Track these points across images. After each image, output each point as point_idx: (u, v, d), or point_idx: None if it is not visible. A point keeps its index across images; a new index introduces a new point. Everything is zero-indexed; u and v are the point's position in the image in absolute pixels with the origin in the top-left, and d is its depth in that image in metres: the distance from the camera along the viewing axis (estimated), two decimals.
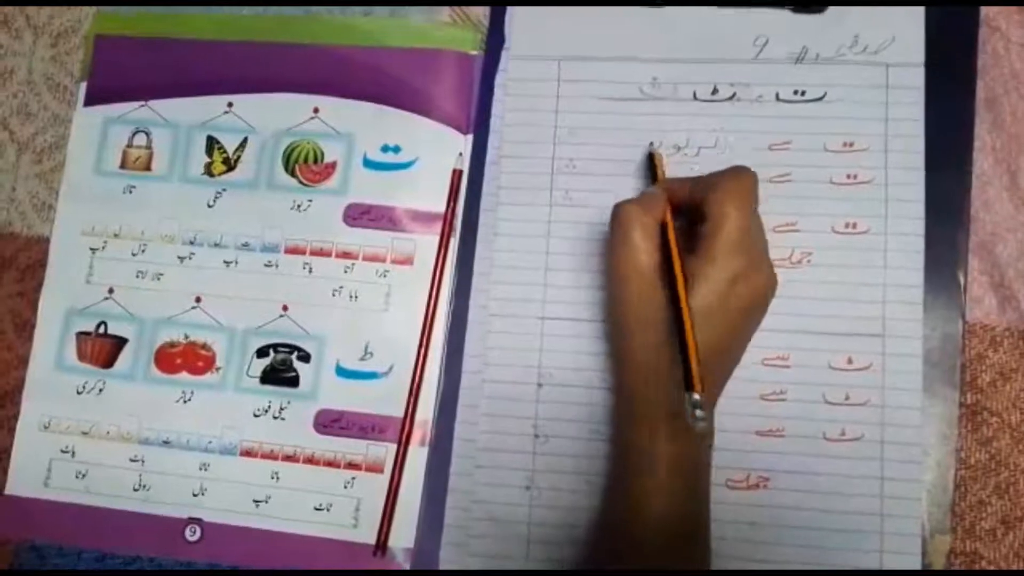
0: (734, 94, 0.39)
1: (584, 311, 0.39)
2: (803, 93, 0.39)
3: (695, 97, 0.40)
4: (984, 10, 0.39)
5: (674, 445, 0.32)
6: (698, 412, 0.29)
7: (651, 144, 0.39)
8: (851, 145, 0.38)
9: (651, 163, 0.38)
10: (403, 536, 0.38)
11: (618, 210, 0.34)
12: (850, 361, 0.37)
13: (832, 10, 0.39)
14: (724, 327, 0.33)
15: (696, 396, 0.29)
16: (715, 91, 0.40)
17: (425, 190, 0.40)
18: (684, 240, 0.34)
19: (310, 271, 0.41)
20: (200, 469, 0.40)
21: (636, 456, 0.33)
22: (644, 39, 0.40)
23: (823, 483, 0.37)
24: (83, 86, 0.43)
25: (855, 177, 0.38)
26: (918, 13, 0.39)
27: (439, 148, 0.41)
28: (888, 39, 0.39)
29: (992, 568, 0.36)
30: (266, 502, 0.39)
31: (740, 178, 0.34)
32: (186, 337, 0.41)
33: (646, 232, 0.33)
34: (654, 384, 0.32)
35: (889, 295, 0.37)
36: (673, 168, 0.39)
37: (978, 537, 0.36)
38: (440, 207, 0.40)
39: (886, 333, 0.37)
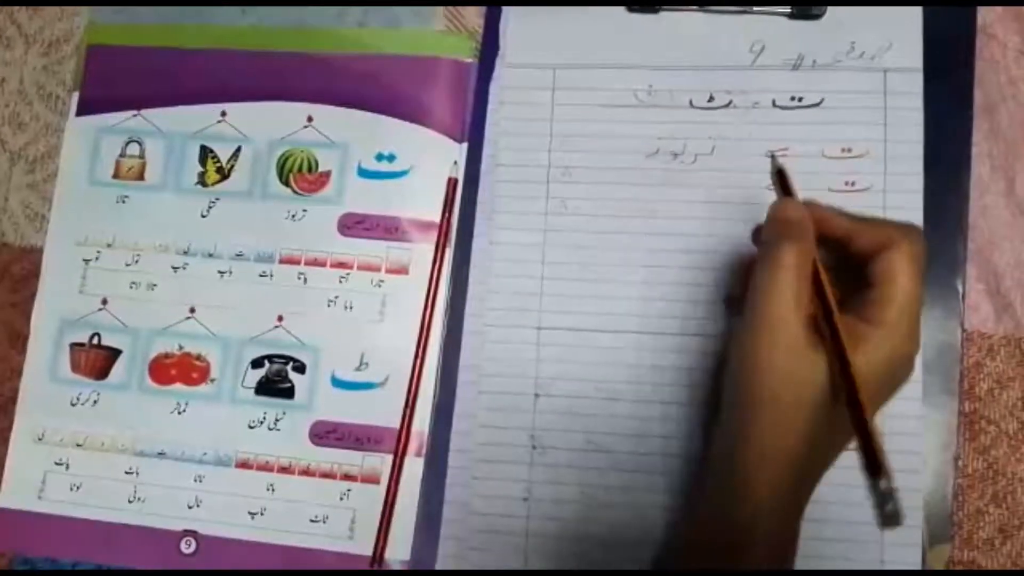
0: (730, 101, 0.39)
1: (581, 321, 0.38)
2: (800, 100, 0.39)
3: (691, 104, 0.39)
4: (980, 17, 0.38)
5: (776, 525, 0.28)
6: (889, 507, 0.25)
7: (772, 156, 0.33)
8: (849, 151, 0.38)
9: (780, 179, 0.32)
10: (399, 548, 0.38)
11: (769, 252, 0.28)
12: None
13: (828, 17, 0.39)
14: (875, 402, 0.28)
15: (884, 482, 0.26)
16: (711, 98, 0.39)
17: (420, 199, 0.40)
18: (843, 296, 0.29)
19: (305, 281, 0.40)
20: (195, 481, 0.40)
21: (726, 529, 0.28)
22: (639, 46, 0.40)
23: (822, 493, 0.36)
24: (75, 96, 0.43)
25: (853, 184, 0.38)
26: (915, 18, 0.39)
27: (434, 156, 0.40)
28: (885, 45, 0.39)
29: None
30: (262, 514, 0.39)
31: (918, 242, 0.29)
32: (180, 348, 0.41)
33: (803, 282, 0.28)
34: (785, 459, 0.27)
35: None
36: (671, 175, 0.39)
37: (976, 546, 0.36)
38: (435, 216, 0.40)
39: None
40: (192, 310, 0.41)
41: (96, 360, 0.41)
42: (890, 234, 0.29)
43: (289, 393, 0.40)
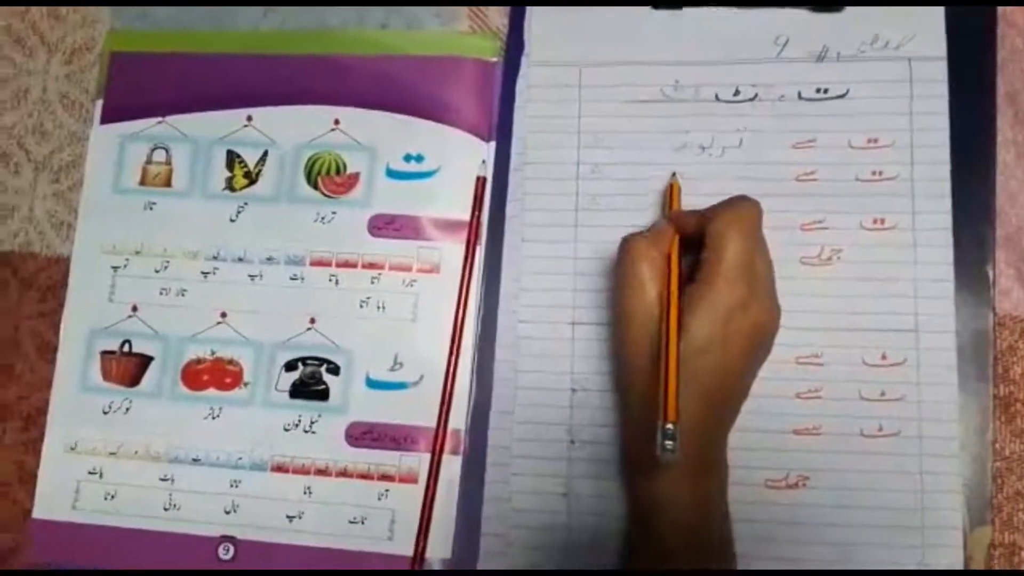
0: (756, 95, 0.39)
1: None
2: (826, 91, 0.39)
3: (717, 98, 0.40)
4: (1001, 7, 0.39)
5: (676, 485, 0.32)
6: (668, 443, 0.29)
7: (673, 175, 0.38)
8: (876, 141, 0.39)
9: (669, 193, 0.38)
10: (440, 547, 0.38)
11: (625, 244, 0.34)
12: (884, 357, 0.37)
13: (851, 8, 0.39)
14: (722, 359, 0.32)
15: (669, 426, 0.29)
16: (737, 92, 0.40)
17: (449, 198, 0.40)
18: (690, 271, 0.34)
19: (336, 283, 0.40)
20: (231, 486, 0.39)
21: (637, 493, 0.33)
22: (664, 42, 0.40)
23: (862, 480, 0.37)
24: (99, 103, 0.43)
25: (881, 173, 0.38)
26: (937, 8, 0.39)
27: (462, 156, 0.40)
28: (909, 34, 0.39)
29: None
30: (300, 517, 0.39)
31: (742, 207, 0.33)
32: (212, 353, 0.40)
33: (653, 265, 0.33)
34: (649, 420, 0.31)
35: (920, 290, 0.37)
36: (700, 168, 0.39)
37: (1016, 528, 0.36)
38: (465, 215, 0.40)
39: (919, 328, 0.37)
40: (223, 315, 0.41)
41: (127, 368, 0.41)
42: (717, 208, 0.34)
43: (324, 395, 0.40)
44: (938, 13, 0.39)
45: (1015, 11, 0.39)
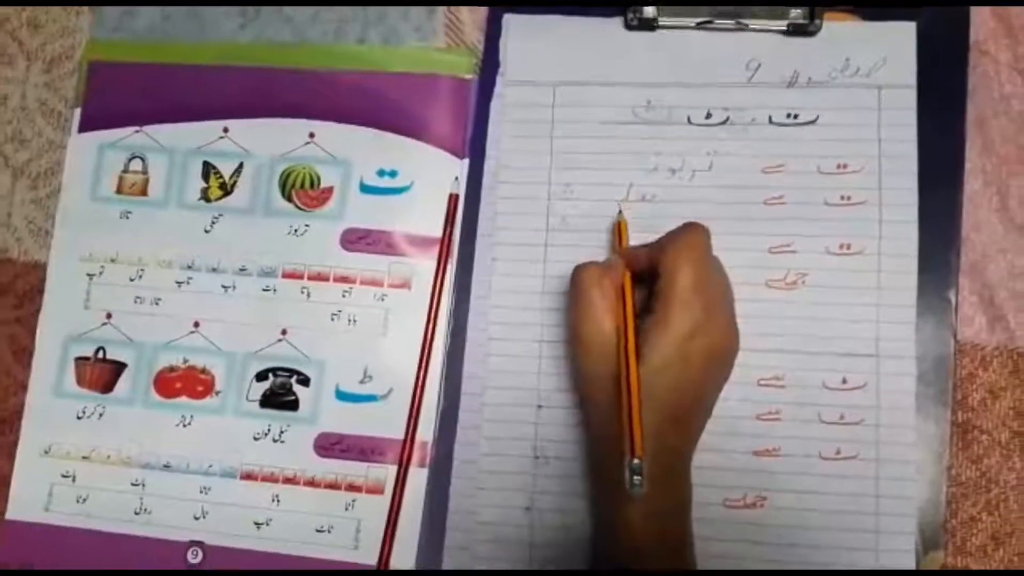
0: (727, 118, 0.40)
1: None
2: (796, 116, 0.39)
3: (689, 121, 0.40)
4: (973, 33, 0.39)
5: (636, 509, 0.32)
6: (636, 479, 0.29)
7: (619, 212, 0.39)
8: (844, 167, 0.39)
9: (617, 230, 0.38)
10: (404, 558, 0.39)
11: (577, 273, 0.34)
12: (844, 381, 0.38)
13: (823, 34, 0.40)
14: (682, 384, 0.32)
15: (636, 461, 0.29)
16: (708, 115, 0.40)
17: (422, 214, 0.41)
18: (644, 303, 0.34)
19: (308, 295, 0.41)
20: (201, 492, 0.40)
21: (603, 518, 0.34)
22: (638, 64, 0.41)
23: (819, 501, 0.37)
24: (77, 112, 0.43)
25: (849, 199, 0.39)
26: (909, 35, 0.39)
27: (435, 172, 0.41)
28: (879, 61, 0.39)
29: None
30: (267, 525, 0.40)
31: (689, 235, 0.34)
32: (185, 361, 0.41)
33: (605, 295, 0.33)
34: (609, 449, 0.32)
35: (883, 315, 0.38)
36: (670, 191, 0.40)
37: (969, 553, 0.37)
38: (437, 231, 0.41)
39: (880, 353, 0.38)
40: (196, 324, 0.41)
41: (101, 374, 0.41)
42: (665, 239, 0.34)
43: (293, 406, 0.40)
44: (910, 39, 0.39)
45: (987, 39, 0.39)
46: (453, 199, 0.41)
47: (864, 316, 0.38)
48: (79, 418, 0.41)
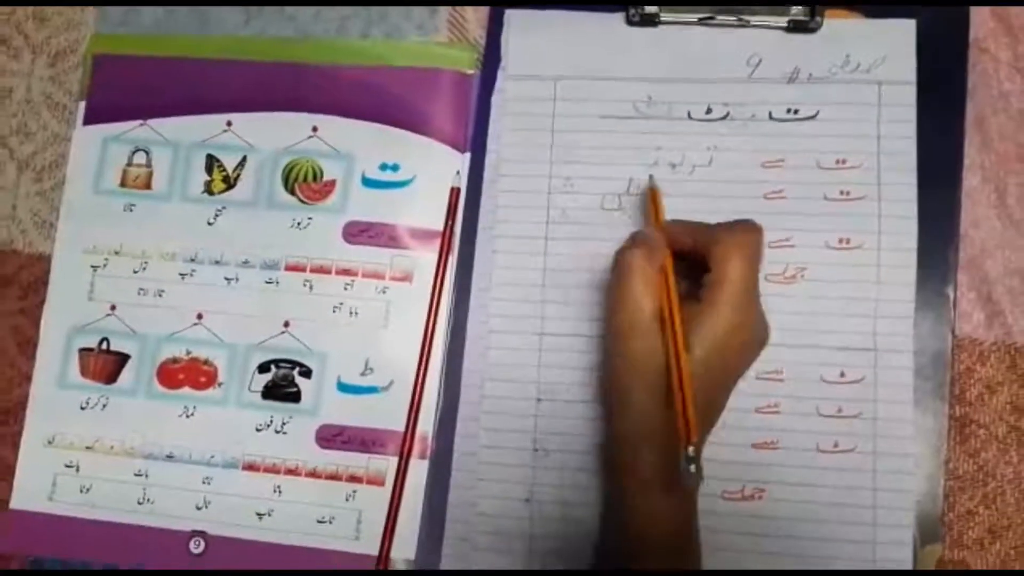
0: (728, 113, 0.40)
1: (582, 327, 0.39)
2: (796, 112, 0.40)
3: (689, 116, 0.40)
4: (973, 31, 0.39)
5: (667, 499, 0.32)
6: (691, 468, 0.30)
7: (651, 177, 0.39)
8: (844, 162, 0.39)
9: (651, 199, 0.38)
10: (405, 548, 0.39)
11: (622, 258, 0.34)
12: (843, 375, 0.38)
13: (824, 30, 0.40)
14: (718, 378, 0.33)
15: (691, 450, 0.30)
16: (709, 110, 0.40)
17: (423, 208, 0.41)
18: (684, 285, 0.34)
19: (310, 288, 0.41)
20: (203, 483, 0.40)
21: (629, 512, 0.33)
22: (639, 59, 0.41)
23: (817, 494, 0.37)
24: (82, 105, 0.43)
25: (848, 193, 0.39)
26: (909, 32, 0.39)
27: (437, 166, 0.41)
28: (880, 58, 0.39)
29: None
30: (269, 515, 0.40)
31: (748, 232, 0.34)
32: (188, 353, 0.41)
33: (649, 281, 0.33)
34: (649, 437, 0.32)
35: (881, 310, 0.38)
36: (670, 185, 0.40)
37: (966, 547, 0.37)
38: (438, 225, 0.41)
39: (878, 347, 0.38)
40: (199, 316, 0.41)
41: (105, 365, 0.42)
42: (721, 231, 0.34)
43: (295, 397, 0.41)
44: (910, 36, 0.39)
45: (987, 36, 0.40)
46: (454, 192, 0.41)
47: (863, 311, 0.38)
48: (83, 409, 0.42)
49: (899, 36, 0.39)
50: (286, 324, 0.41)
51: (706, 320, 0.32)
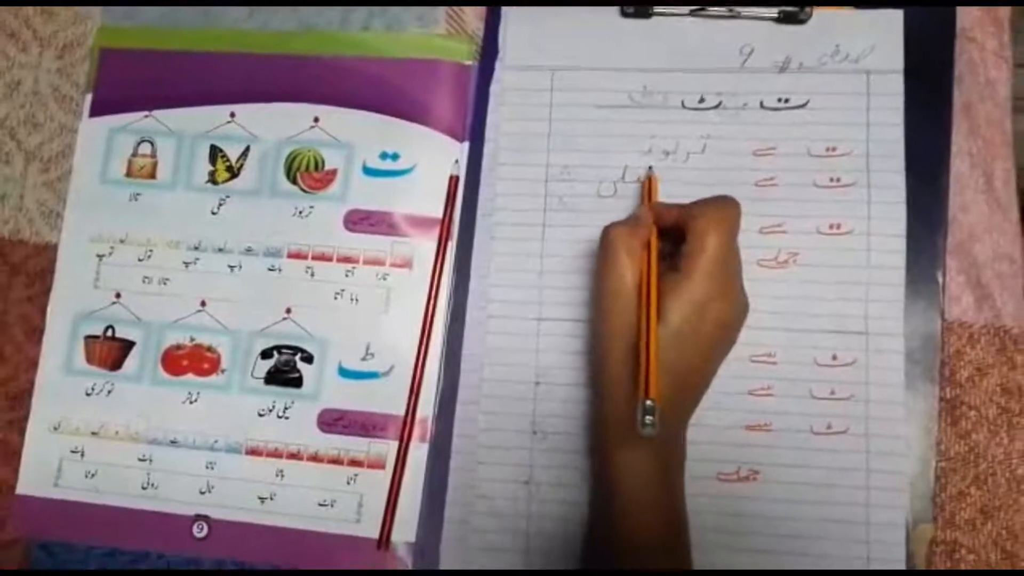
0: (720, 102, 0.41)
1: (579, 312, 0.40)
2: (787, 101, 0.41)
3: (683, 105, 0.41)
4: (960, 20, 0.40)
5: (638, 452, 0.34)
6: (648, 418, 0.31)
7: (650, 168, 0.40)
8: (834, 150, 0.40)
9: (647, 185, 0.39)
10: (405, 531, 0.40)
11: (607, 232, 0.35)
12: (835, 358, 0.39)
13: (815, 20, 0.41)
14: (694, 346, 0.34)
15: (648, 402, 0.31)
16: (702, 99, 0.41)
17: (423, 196, 0.42)
18: (668, 260, 0.36)
19: (312, 275, 0.42)
20: (207, 468, 0.41)
21: (607, 468, 0.34)
22: (634, 50, 0.42)
23: (810, 475, 0.38)
24: (88, 97, 0.44)
25: (838, 180, 0.40)
26: (897, 22, 0.40)
27: (436, 155, 0.42)
28: (868, 48, 0.40)
29: (972, 556, 0.37)
30: (271, 499, 0.41)
31: (725, 207, 0.35)
32: (192, 340, 0.42)
33: (632, 253, 0.35)
34: (623, 394, 0.33)
35: (872, 294, 0.39)
36: (664, 172, 0.41)
37: (958, 527, 0.38)
38: (438, 212, 0.42)
39: (869, 331, 0.38)
40: (203, 303, 0.42)
41: (110, 352, 0.42)
42: (702, 206, 0.35)
43: (297, 383, 0.41)
44: (898, 26, 0.40)
45: (973, 26, 0.41)
46: (453, 181, 0.42)
47: (854, 295, 0.39)
48: (88, 395, 0.42)
49: (887, 26, 0.40)
50: (288, 311, 0.42)
51: (682, 288, 0.33)
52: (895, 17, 0.40)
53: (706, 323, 0.34)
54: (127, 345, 0.42)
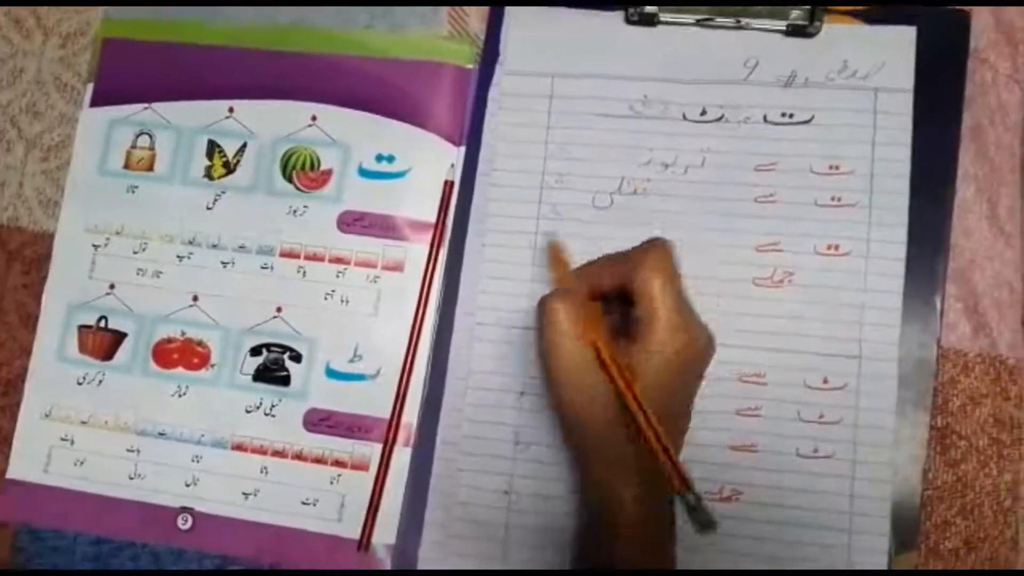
0: (722, 115, 0.40)
1: None
2: (791, 116, 0.40)
3: (684, 117, 0.40)
4: (973, 41, 0.39)
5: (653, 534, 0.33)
6: (700, 515, 0.30)
7: (549, 238, 0.39)
8: (837, 168, 0.39)
9: (553, 254, 0.38)
10: (385, 533, 0.40)
11: (542, 308, 0.34)
12: (826, 381, 0.38)
13: (823, 35, 0.40)
14: (673, 396, 0.33)
15: (691, 495, 0.30)
16: (704, 112, 0.40)
17: (417, 199, 0.42)
18: (615, 318, 0.35)
19: (304, 274, 0.42)
20: (193, 461, 0.41)
21: (608, 510, 0.33)
22: (636, 58, 0.41)
23: (794, 498, 0.38)
24: (90, 87, 0.44)
25: (839, 200, 0.39)
26: (908, 39, 0.39)
27: (432, 159, 0.42)
28: (878, 65, 0.39)
29: None
30: (255, 495, 0.41)
31: (659, 251, 0.33)
32: (183, 334, 0.42)
33: (575, 322, 0.33)
34: (624, 477, 0.32)
35: (867, 317, 0.38)
36: (662, 185, 0.40)
37: (942, 556, 0.37)
38: (431, 216, 0.41)
39: (863, 355, 0.38)
40: (195, 298, 0.42)
41: (102, 342, 0.43)
42: (633, 258, 0.34)
43: (285, 381, 0.41)
44: (909, 44, 0.39)
45: (986, 47, 0.39)
46: (448, 186, 0.41)
47: (849, 317, 0.38)
48: (79, 384, 0.43)
49: (898, 43, 0.39)
50: (279, 309, 0.42)
51: (649, 354, 0.32)
52: (907, 34, 0.39)
53: (678, 374, 0.33)
54: (119, 336, 0.43)
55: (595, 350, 0.33)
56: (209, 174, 0.43)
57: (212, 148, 0.43)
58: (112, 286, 0.43)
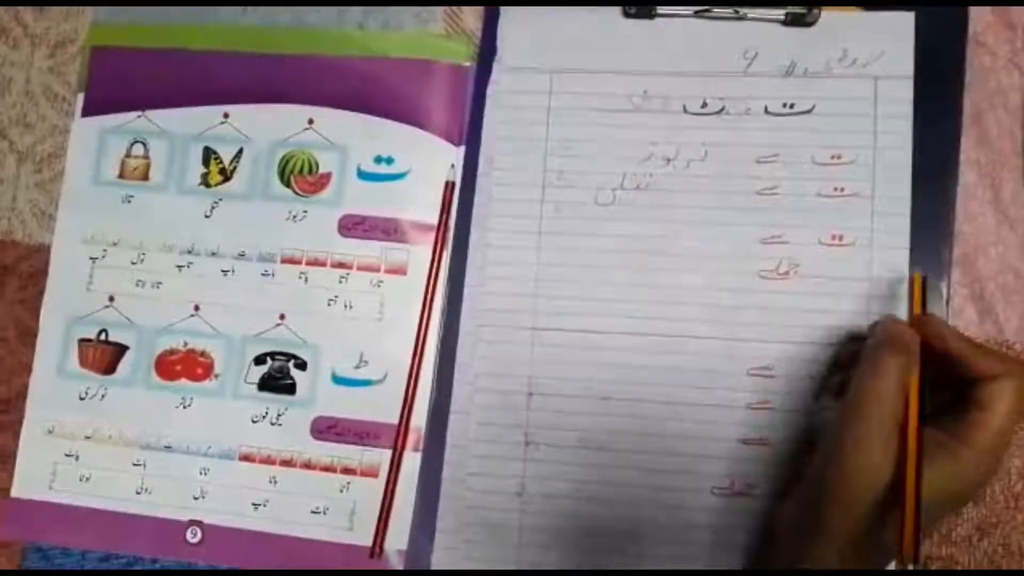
0: (723, 107, 0.40)
1: (574, 322, 0.39)
2: (792, 106, 0.39)
3: (685, 110, 0.40)
4: (972, 26, 0.39)
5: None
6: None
7: (918, 270, 0.37)
8: (839, 158, 0.39)
9: (911, 287, 0.35)
10: (397, 539, 0.40)
11: (878, 361, 0.32)
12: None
13: (821, 24, 0.39)
14: (946, 512, 0.33)
15: (912, 567, 0.29)
16: (704, 104, 0.40)
17: (418, 201, 0.41)
18: (937, 408, 0.32)
19: (306, 281, 0.41)
20: (200, 473, 0.41)
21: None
22: (635, 52, 0.41)
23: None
24: (81, 97, 0.44)
25: (842, 190, 0.39)
26: (907, 26, 0.39)
27: (432, 159, 0.41)
28: (877, 53, 0.39)
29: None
30: (264, 505, 0.41)
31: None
32: (185, 344, 0.42)
33: (903, 391, 0.31)
34: (855, 543, 0.31)
35: (873, 306, 0.38)
36: (664, 179, 0.40)
37: (954, 543, 0.37)
38: (433, 218, 0.41)
39: None
40: (196, 308, 0.42)
41: (103, 356, 0.42)
42: (1004, 366, 0.31)
43: (291, 389, 0.41)
44: (908, 30, 0.39)
45: (985, 31, 0.39)
46: (449, 186, 0.41)
47: (855, 307, 0.38)
48: (82, 399, 0.42)
49: (897, 30, 0.39)
50: (282, 316, 0.41)
51: (960, 461, 0.31)
52: (906, 20, 0.39)
53: (956, 498, 0.32)
54: (120, 349, 0.42)
55: (904, 416, 0.31)
56: (206, 181, 0.42)
57: (208, 155, 0.43)
58: (111, 298, 0.42)
